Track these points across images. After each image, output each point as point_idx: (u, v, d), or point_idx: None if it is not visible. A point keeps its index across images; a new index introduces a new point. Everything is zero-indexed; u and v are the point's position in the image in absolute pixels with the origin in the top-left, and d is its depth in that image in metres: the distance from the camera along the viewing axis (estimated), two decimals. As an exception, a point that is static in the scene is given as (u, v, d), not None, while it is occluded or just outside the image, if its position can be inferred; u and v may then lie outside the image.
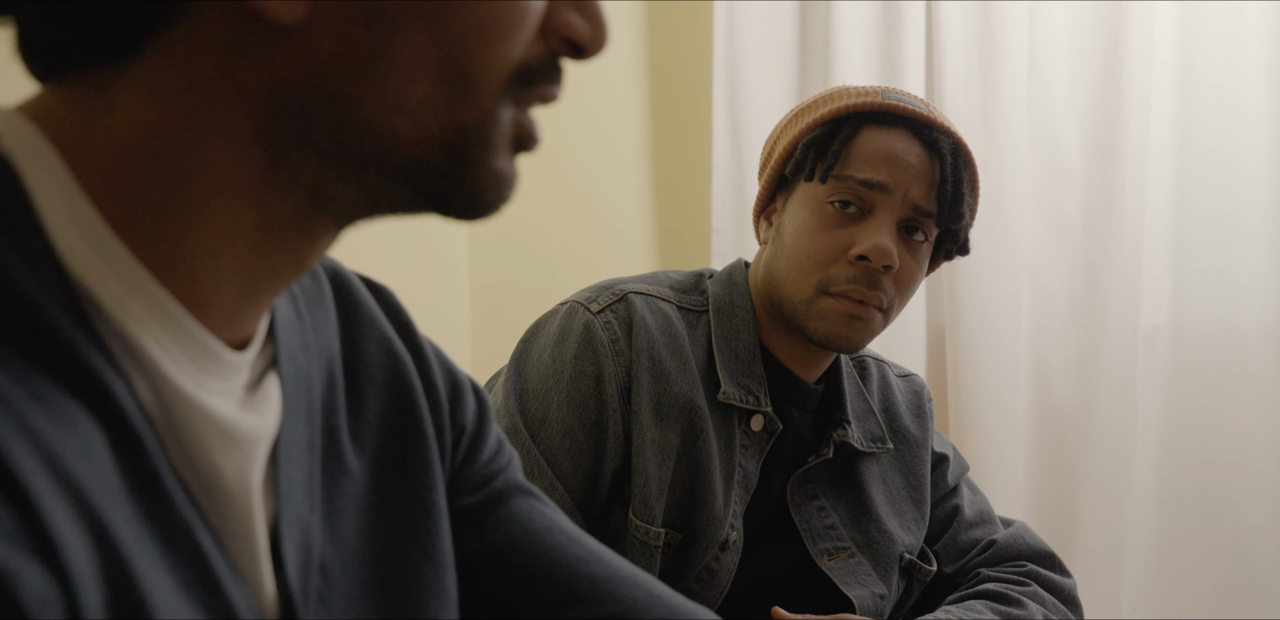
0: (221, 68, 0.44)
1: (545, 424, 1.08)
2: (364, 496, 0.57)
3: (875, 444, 1.21)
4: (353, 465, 0.57)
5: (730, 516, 1.12)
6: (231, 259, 0.47)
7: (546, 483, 1.07)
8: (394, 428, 0.60)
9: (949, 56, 1.99)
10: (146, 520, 0.43)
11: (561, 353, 1.10)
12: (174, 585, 0.43)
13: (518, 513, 0.66)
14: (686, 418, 1.09)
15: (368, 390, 0.60)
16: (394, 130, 0.46)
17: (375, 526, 0.57)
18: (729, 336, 1.14)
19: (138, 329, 0.44)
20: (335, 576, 0.54)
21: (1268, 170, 1.91)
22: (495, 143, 0.49)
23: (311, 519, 0.53)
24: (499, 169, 0.50)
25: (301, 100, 0.45)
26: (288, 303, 0.56)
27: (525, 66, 0.49)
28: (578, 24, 0.50)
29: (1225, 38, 1.93)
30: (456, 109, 0.47)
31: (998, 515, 1.29)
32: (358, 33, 0.44)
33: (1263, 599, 1.90)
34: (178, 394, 0.45)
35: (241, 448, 0.48)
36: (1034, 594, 1.18)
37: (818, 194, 1.10)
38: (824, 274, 1.09)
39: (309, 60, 0.45)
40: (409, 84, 0.45)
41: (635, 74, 2.23)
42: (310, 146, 0.46)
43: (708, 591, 1.11)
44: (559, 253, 2.22)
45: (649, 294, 1.14)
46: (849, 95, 1.13)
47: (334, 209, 0.49)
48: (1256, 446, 1.91)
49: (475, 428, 0.66)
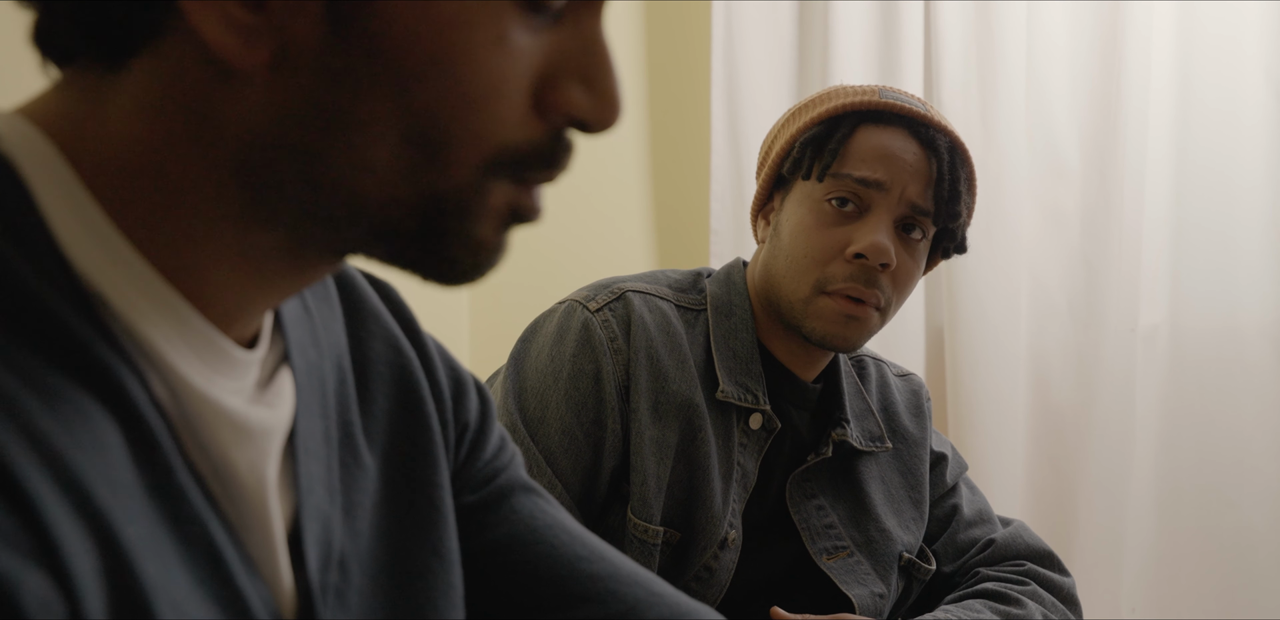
0: (199, 98, 0.44)
1: (544, 422, 1.08)
2: (377, 493, 0.57)
3: (874, 443, 1.21)
4: (367, 460, 0.57)
5: (729, 515, 1.12)
6: (227, 269, 0.47)
7: (545, 481, 1.07)
8: (402, 424, 0.60)
9: (947, 57, 1.99)
10: (161, 515, 0.43)
11: (560, 351, 1.10)
12: (188, 581, 0.43)
13: (520, 510, 0.66)
14: (685, 416, 1.09)
15: (376, 386, 0.60)
16: (362, 190, 0.45)
17: (387, 523, 0.57)
18: (727, 335, 1.14)
19: (147, 327, 0.44)
20: (353, 572, 0.53)
21: (1266, 170, 1.91)
22: (477, 214, 0.47)
23: (332, 513, 0.53)
24: (480, 239, 0.47)
25: (271, 147, 0.44)
26: (294, 298, 0.56)
27: (516, 149, 0.46)
28: (581, 102, 0.47)
29: (1224, 37, 1.92)
30: (430, 176, 0.45)
31: (996, 515, 1.29)
32: (322, 89, 0.43)
33: (1262, 599, 1.90)
34: (189, 389, 0.45)
35: (254, 441, 0.48)
36: (1033, 593, 1.18)
37: (815, 192, 1.10)
38: (821, 272, 1.09)
39: (275, 109, 0.43)
40: (374, 146, 0.44)
41: (634, 74, 2.23)
42: (285, 193, 0.45)
43: (707, 590, 1.11)
44: (557, 253, 2.22)
45: (647, 293, 1.14)
46: (846, 94, 1.13)
47: (321, 252, 0.48)
48: (1255, 446, 1.91)
49: (478, 425, 0.66)
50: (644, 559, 1.08)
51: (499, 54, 0.44)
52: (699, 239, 2.16)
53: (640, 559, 1.08)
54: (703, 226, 2.14)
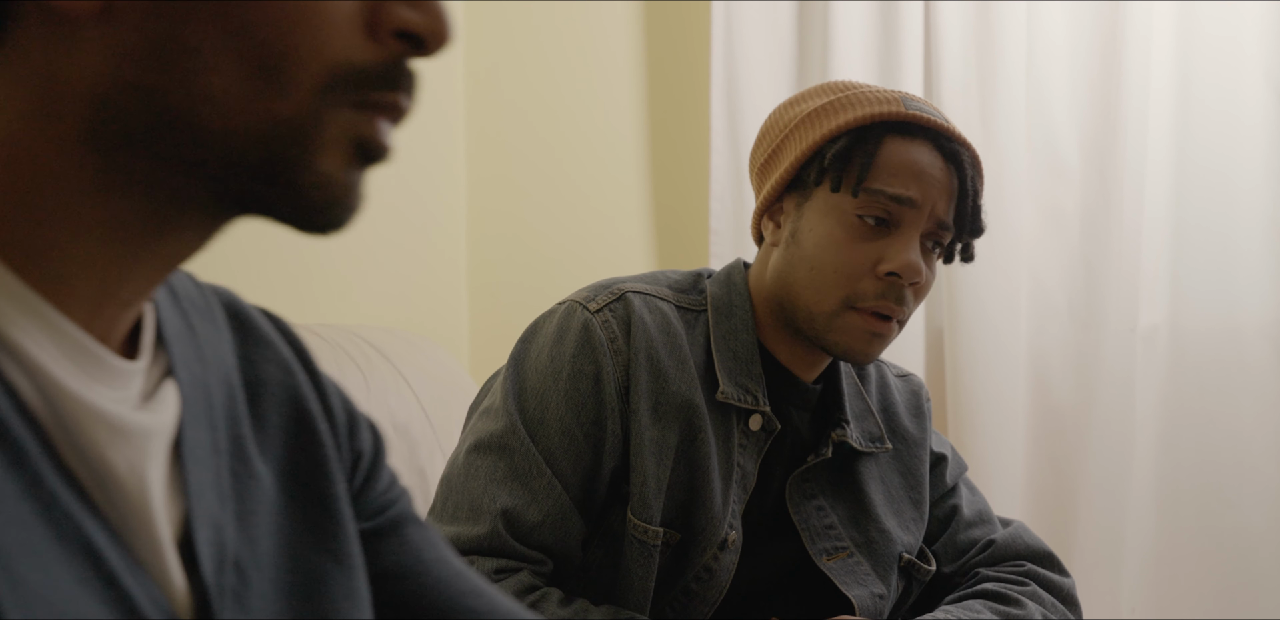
0: (44, 69, 0.45)
1: (543, 423, 1.08)
2: (273, 503, 0.57)
3: (874, 444, 1.20)
4: (261, 472, 0.57)
5: (729, 516, 1.11)
6: (87, 252, 0.47)
7: (545, 482, 1.06)
8: (295, 440, 0.61)
9: (947, 57, 1.99)
10: (38, 520, 0.43)
11: (560, 352, 1.09)
12: (71, 581, 0.43)
13: (410, 542, 0.66)
14: (685, 417, 1.09)
15: (268, 405, 0.60)
16: (204, 123, 0.45)
17: (286, 531, 0.57)
18: (727, 336, 1.14)
19: (12, 329, 0.44)
20: (251, 576, 0.54)
21: (1266, 170, 1.91)
22: (320, 143, 0.47)
23: (224, 518, 0.53)
24: (326, 172, 0.48)
25: (116, 95, 0.45)
26: (176, 316, 0.56)
27: (351, 66, 0.47)
28: (408, 16, 0.48)
29: (1223, 38, 1.92)
30: (268, 102, 0.46)
31: (996, 516, 1.29)
32: (151, 22, 0.45)
33: (1262, 599, 1.90)
34: (60, 391, 0.45)
35: (132, 442, 0.48)
36: (1033, 594, 1.18)
37: (844, 205, 1.09)
38: (851, 289, 1.08)
39: (114, 53, 0.45)
40: (209, 73, 0.45)
41: (633, 74, 2.23)
42: (135, 144, 0.46)
43: (707, 591, 1.11)
44: (557, 253, 2.22)
45: (647, 293, 1.14)
46: (870, 102, 1.11)
47: (181, 207, 0.48)
48: (1255, 446, 1.91)
49: (372, 457, 0.67)
50: (644, 560, 1.08)
51: None
52: (699, 239, 2.16)
53: (640, 560, 1.08)
54: (703, 226, 2.14)
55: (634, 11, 2.23)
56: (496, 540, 1.04)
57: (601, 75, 2.25)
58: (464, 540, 1.05)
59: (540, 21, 2.25)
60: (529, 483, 1.06)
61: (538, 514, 1.05)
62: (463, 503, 1.07)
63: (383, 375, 1.61)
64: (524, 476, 1.06)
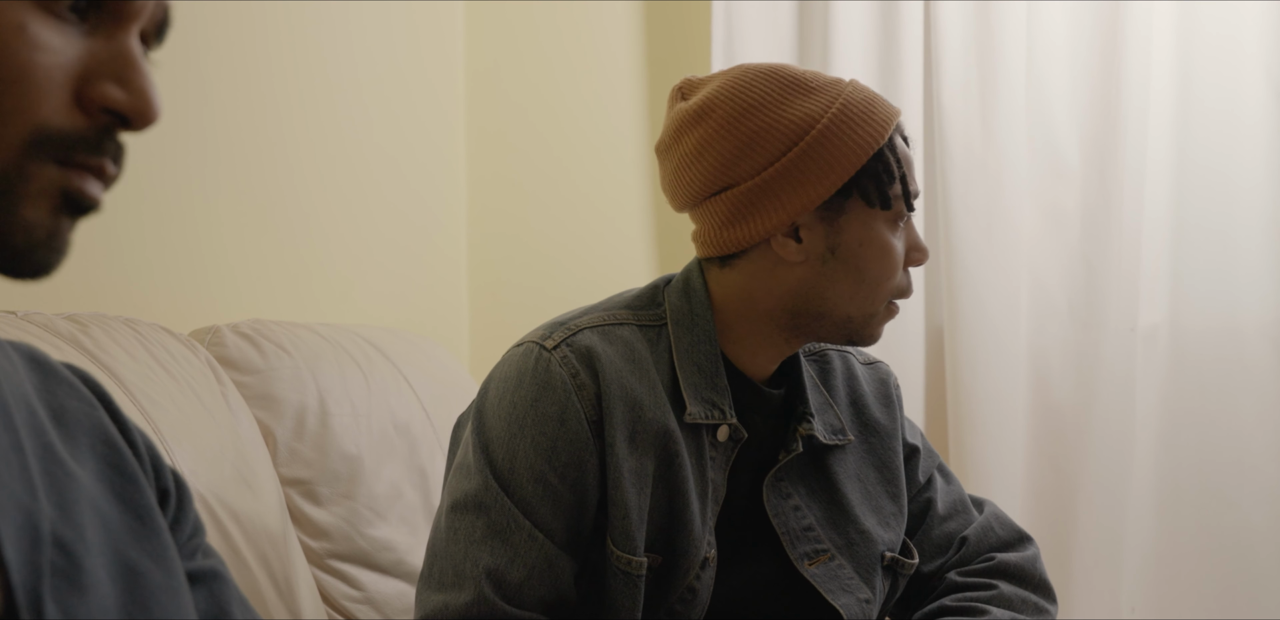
0: None
1: (514, 473, 1.06)
2: (92, 501, 0.58)
3: (836, 436, 1.19)
4: (76, 472, 0.58)
5: (708, 533, 1.11)
6: None
7: (525, 535, 1.04)
8: (107, 460, 0.62)
9: (947, 57, 1.99)
10: None
11: (519, 397, 1.07)
12: None
13: (218, 597, 0.67)
14: (661, 442, 1.08)
15: (75, 428, 0.61)
16: None
17: (107, 530, 0.58)
18: (689, 350, 1.12)
19: None
20: (79, 555, 0.55)
21: (1266, 170, 1.91)
22: (23, 193, 0.49)
23: (34, 504, 0.54)
24: (30, 220, 0.49)
25: None
26: None
27: (56, 131, 0.49)
28: (117, 96, 0.51)
29: (1224, 37, 1.92)
30: None
31: (970, 496, 1.30)
32: None
33: (1262, 599, 1.90)
34: None
35: None
36: (998, 597, 1.18)
37: (879, 214, 1.11)
38: (896, 287, 1.14)
39: None
40: None
41: (634, 74, 2.23)
42: None
43: (690, 611, 1.10)
44: (558, 253, 2.22)
45: (604, 324, 1.12)
46: (879, 113, 1.10)
47: None
48: (1255, 446, 1.91)
49: (177, 498, 0.68)
50: (629, 590, 1.07)
51: (19, 40, 0.48)
52: (699, 239, 2.16)
53: (625, 591, 1.07)
54: (703, 226, 2.14)
55: (634, 11, 2.23)
56: (484, 606, 1.02)
57: (602, 75, 2.25)
58: (453, 609, 1.03)
59: (540, 21, 2.25)
60: (509, 538, 1.04)
61: (522, 569, 1.03)
62: (447, 568, 1.05)
63: (383, 375, 1.61)
64: (503, 532, 1.04)
